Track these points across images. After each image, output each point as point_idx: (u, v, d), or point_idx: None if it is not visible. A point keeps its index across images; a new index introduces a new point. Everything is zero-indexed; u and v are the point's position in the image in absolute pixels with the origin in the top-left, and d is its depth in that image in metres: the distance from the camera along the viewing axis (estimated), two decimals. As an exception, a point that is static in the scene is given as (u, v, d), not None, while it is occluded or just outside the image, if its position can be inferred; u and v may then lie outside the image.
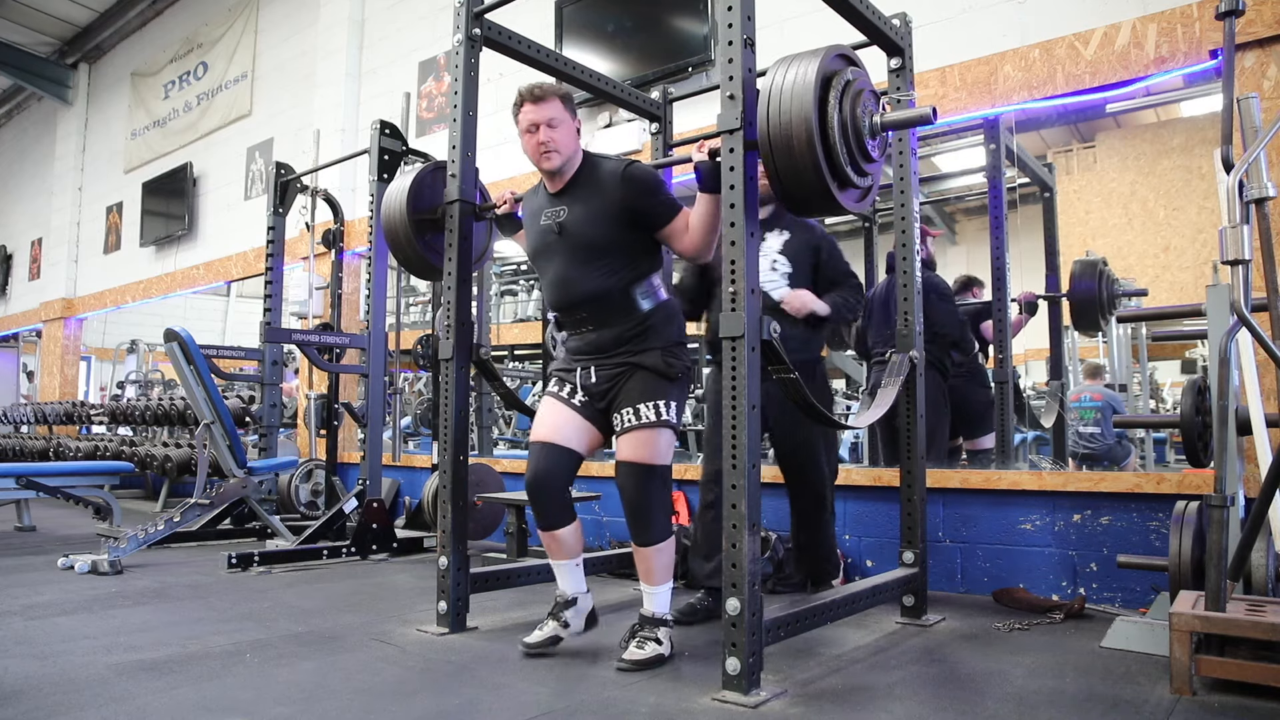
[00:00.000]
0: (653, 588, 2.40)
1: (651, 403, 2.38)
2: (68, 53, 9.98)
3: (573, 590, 2.50)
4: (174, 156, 8.49)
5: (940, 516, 3.44)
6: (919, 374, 2.91)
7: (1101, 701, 2.02)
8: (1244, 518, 2.26)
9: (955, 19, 3.74)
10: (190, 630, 2.69)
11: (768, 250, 3.07)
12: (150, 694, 2.03)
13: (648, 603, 2.41)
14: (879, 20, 2.79)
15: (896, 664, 2.37)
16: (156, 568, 3.88)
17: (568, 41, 5.01)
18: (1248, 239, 2.13)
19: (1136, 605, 3.00)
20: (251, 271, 7.15)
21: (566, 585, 2.50)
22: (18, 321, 10.79)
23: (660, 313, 2.48)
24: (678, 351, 2.45)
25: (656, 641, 2.34)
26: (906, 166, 2.96)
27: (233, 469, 4.35)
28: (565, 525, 2.46)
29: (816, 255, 3.08)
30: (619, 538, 4.35)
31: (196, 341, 4.20)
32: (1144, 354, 6.37)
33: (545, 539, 2.48)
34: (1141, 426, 5.75)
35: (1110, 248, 6.58)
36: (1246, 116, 2.30)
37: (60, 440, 7.68)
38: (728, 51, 2.10)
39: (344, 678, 2.19)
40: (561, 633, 2.44)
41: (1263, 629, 1.95)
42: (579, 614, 2.50)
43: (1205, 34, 3.07)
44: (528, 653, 2.39)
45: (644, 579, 2.42)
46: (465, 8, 2.77)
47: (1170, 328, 4.60)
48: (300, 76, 7.09)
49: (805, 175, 2.02)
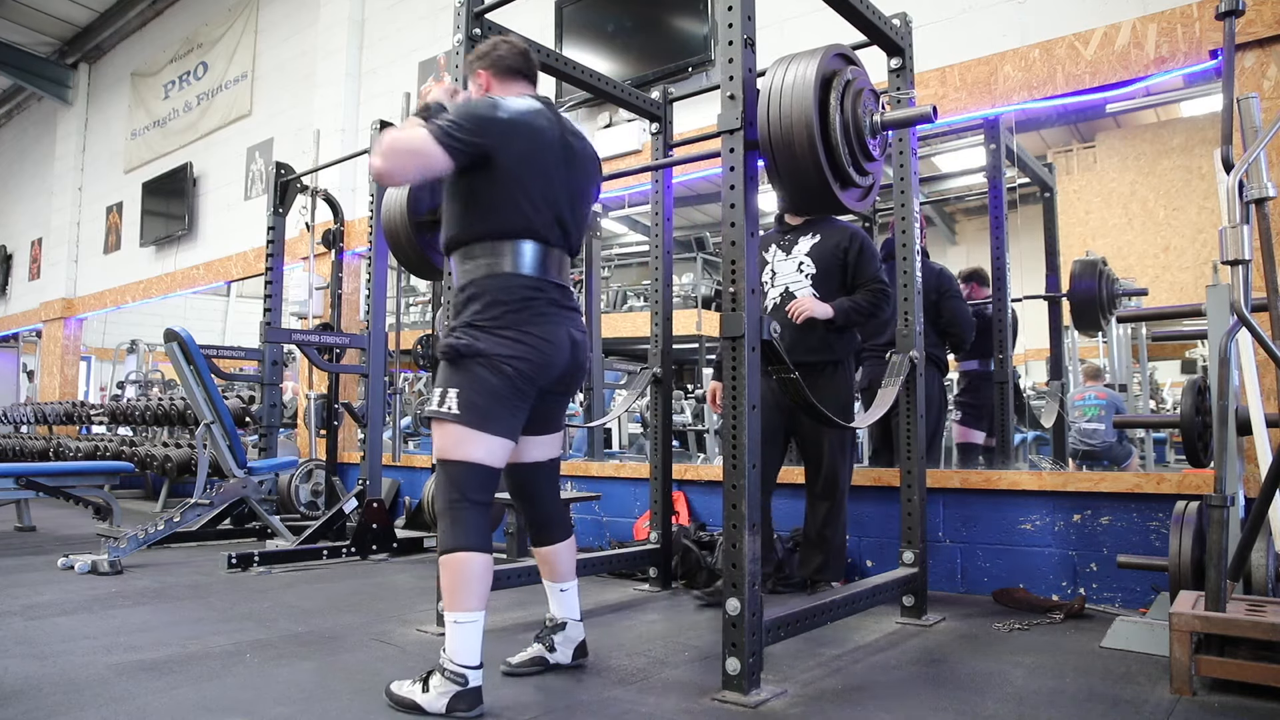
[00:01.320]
0: (449, 614, 1.91)
1: (436, 390, 2.03)
2: (68, 53, 9.97)
3: (563, 614, 2.28)
4: (174, 156, 8.49)
5: (940, 516, 3.44)
6: (919, 374, 2.91)
7: (1101, 701, 2.02)
8: (1244, 518, 2.26)
9: (955, 19, 3.74)
10: (190, 630, 2.69)
11: (798, 253, 3.20)
12: (150, 694, 2.03)
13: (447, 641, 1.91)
14: (879, 20, 2.80)
15: (896, 664, 2.37)
16: (156, 568, 3.88)
17: (568, 41, 5.01)
18: (1248, 239, 2.13)
19: (1136, 605, 3.00)
20: (251, 271, 7.15)
21: (557, 609, 2.29)
22: (18, 321, 10.79)
23: (469, 289, 2.05)
24: (461, 331, 2.02)
25: (423, 687, 1.89)
26: (907, 166, 2.96)
27: (233, 469, 4.35)
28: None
29: (845, 256, 3.15)
30: (619, 538, 4.35)
31: (196, 341, 4.20)
32: (1144, 354, 6.38)
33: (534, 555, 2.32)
34: (1141, 426, 5.75)
35: (1110, 248, 6.57)
36: (1246, 116, 2.30)
37: (60, 440, 7.68)
38: (728, 51, 2.10)
39: (344, 678, 2.19)
40: (548, 657, 2.22)
41: (1263, 629, 1.95)
42: (568, 642, 2.26)
43: (1205, 34, 3.07)
44: (508, 672, 2.19)
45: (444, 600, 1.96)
46: (465, 8, 2.77)
47: (1170, 328, 4.60)
48: (300, 76, 7.09)
49: (807, 174, 2.03)
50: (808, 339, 3.11)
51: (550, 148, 2.08)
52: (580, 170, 2.17)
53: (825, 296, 3.14)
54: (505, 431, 2.01)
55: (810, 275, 3.16)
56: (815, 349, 3.11)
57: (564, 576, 2.28)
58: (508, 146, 2.00)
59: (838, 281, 3.17)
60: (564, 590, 2.27)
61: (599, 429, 5.66)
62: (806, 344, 3.10)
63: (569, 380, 2.16)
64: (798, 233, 3.24)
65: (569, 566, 2.28)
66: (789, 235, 3.26)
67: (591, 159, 2.24)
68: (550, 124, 2.11)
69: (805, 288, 3.16)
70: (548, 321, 2.05)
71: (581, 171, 2.18)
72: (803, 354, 3.05)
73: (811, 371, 3.04)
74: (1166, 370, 8.22)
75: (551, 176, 2.08)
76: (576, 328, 2.14)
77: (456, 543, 1.94)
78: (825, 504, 3.17)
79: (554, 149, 2.09)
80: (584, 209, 2.21)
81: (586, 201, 2.23)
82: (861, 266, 3.16)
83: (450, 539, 1.94)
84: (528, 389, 2.03)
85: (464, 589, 1.91)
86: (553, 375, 2.08)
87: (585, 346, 2.18)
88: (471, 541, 1.94)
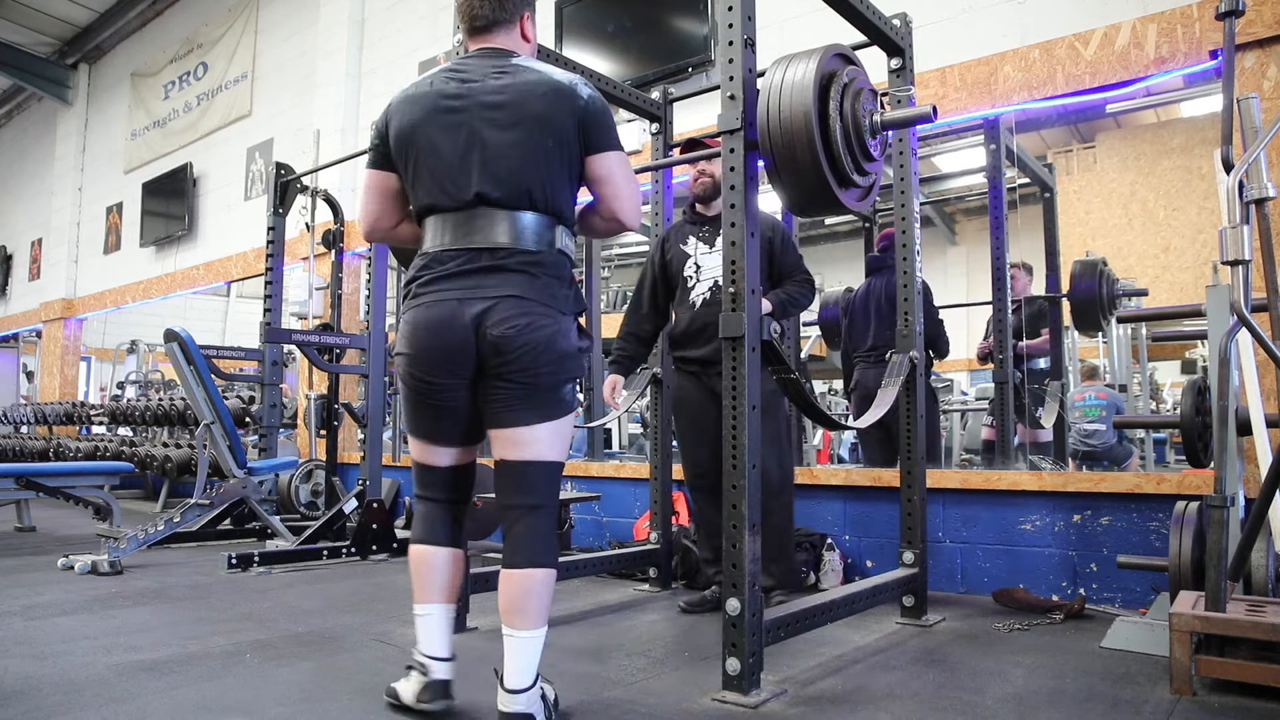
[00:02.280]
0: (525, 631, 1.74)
1: None
2: (68, 53, 9.98)
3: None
4: (174, 157, 8.49)
5: (940, 517, 3.44)
6: (919, 374, 2.91)
7: (1101, 702, 2.02)
8: (1244, 518, 2.26)
9: (955, 19, 3.74)
10: (190, 630, 2.69)
11: (720, 245, 2.98)
12: (150, 694, 2.03)
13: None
14: (879, 20, 2.80)
15: (896, 664, 2.37)
16: (156, 568, 3.88)
17: (568, 41, 5.01)
18: (1248, 239, 2.13)
19: (1136, 605, 3.00)
20: (251, 272, 7.15)
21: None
22: (18, 322, 10.79)
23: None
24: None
25: (406, 676, 1.86)
26: (907, 166, 2.96)
27: (233, 469, 4.35)
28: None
29: (770, 247, 3.06)
30: (619, 538, 4.35)
31: (196, 342, 4.20)
32: (1144, 354, 6.36)
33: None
34: (1141, 427, 5.74)
35: (1110, 248, 6.56)
36: (1246, 117, 2.30)
37: (60, 440, 7.68)
38: (728, 52, 2.10)
39: (344, 678, 2.19)
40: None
41: (1263, 629, 1.95)
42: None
43: (1205, 34, 3.07)
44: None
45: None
46: (465, 8, 2.76)
47: (1170, 328, 4.60)
48: (300, 76, 7.09)
49: (806, 174, 2.03)
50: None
51: (429, 109, 1.84)
52: (477, 104, 1.82)
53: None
54: (418, 431, 1.90)
55: None
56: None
57: (504, 614, 1.78)
58: (392, 136, 1.88)
59: (764, 273, 3.07)
60: (508, 635, 1.76)
61: (599, 429, 5.66)
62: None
63: (484, 358, 1.78)
64: (717, 223, 3.07)
65: (512, 602, 1.77)
66: (707, 226, 3.12)
67: (504, 89, 1.83)
68: (433, 83, 1.88)
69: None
70: (424, 298, 1.81)
71: (479, 105, 1.82)
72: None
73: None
74: (1166, 370, 8.20)
75: (429, 140, 1.83)
76: (482, 293, 1.77)
77: (409, 537, 1.96)
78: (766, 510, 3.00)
79: (433, 106, 1.84)
80: (494, 143, 1.81)
81: (498, 131, 1.81)
82: (786, 255, 3.09)
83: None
84: (415, 384, 1.84)
85: (413, 580, 1.91)
86: (438, 359, 1.79)
87: (505, 309, 1.76)
88: (415, 534, 1.93)
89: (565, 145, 1.83)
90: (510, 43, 1.95)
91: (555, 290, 1.82)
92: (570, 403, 1.87)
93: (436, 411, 1.86)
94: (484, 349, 1.77)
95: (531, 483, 1.82)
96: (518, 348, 1.75)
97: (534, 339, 1.76)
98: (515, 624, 1.75)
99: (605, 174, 1.86)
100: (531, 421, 1.80)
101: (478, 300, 1.77)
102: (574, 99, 1.84)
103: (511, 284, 1.78)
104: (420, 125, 1.84)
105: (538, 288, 1.79)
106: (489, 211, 1.80)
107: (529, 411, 1.80)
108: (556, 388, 1.82)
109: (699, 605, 3.06)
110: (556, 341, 1.79)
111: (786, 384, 2.31)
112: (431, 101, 1.85)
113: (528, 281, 1.79)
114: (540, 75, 1.85)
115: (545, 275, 1.82)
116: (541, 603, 1.77)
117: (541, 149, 1.81)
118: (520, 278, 1.79)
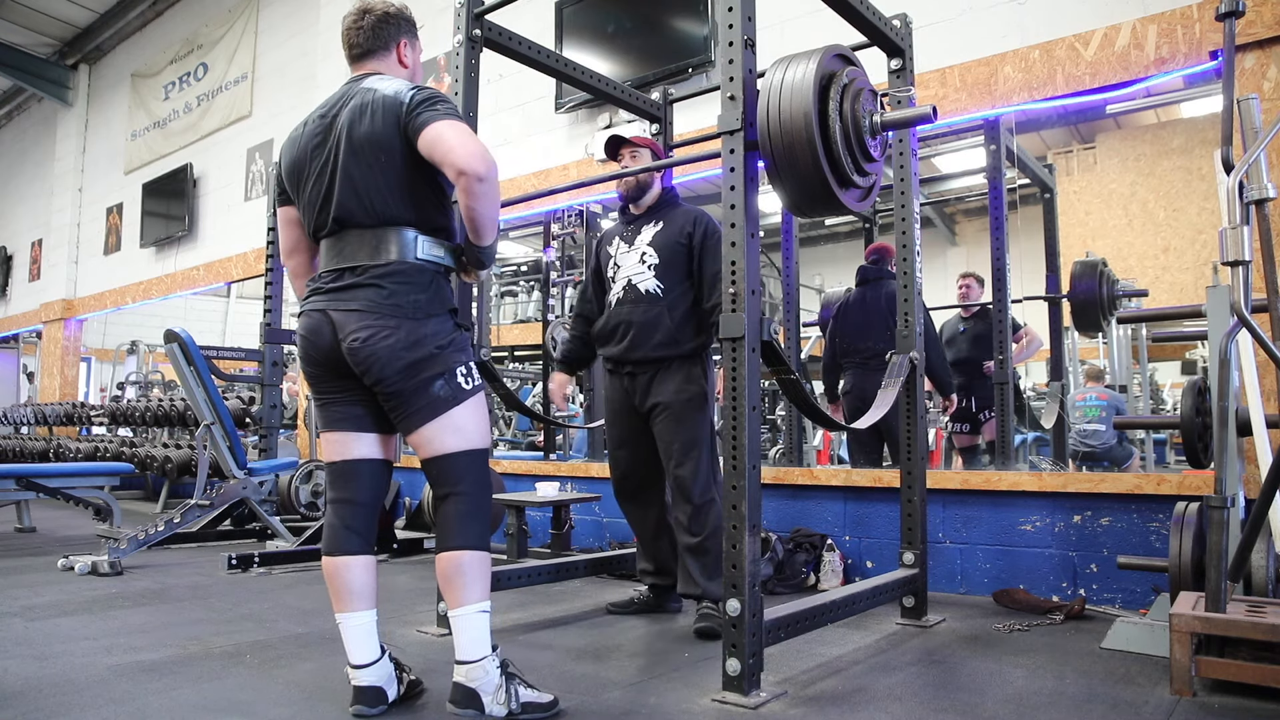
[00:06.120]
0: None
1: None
2: (68, 54, 9.98)
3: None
4: (174, 157, 8.49)
5: (940, 517, 3.44)
6: (919, 374, 2.91)
7: (1101, 702, 2.02)
8: (1244, 519, 2.26)
9: (955, 20, 3.74)
10: (190, 631, 2.69)
11: (640, 243, 2.96)
12: (150, 695, 2.03)
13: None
14: (879, 21, 2.80)
15: (896, 665, 2.37)
16: (156, 569, 3.88)
17: (568, 42, 5.01)
18: (1248, 240, 2.13)
19: (1137, 606, 3.00)
20: (251, 272, 7.15)
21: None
22: (18, 322, 10.79)
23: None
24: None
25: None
26: (907, 167, 2.96)
27: (233, 470, 4.35)
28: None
29: (689, 242, 2.91)
30: (619, 538, 4.35)
31: (196, 342, 4.20)
32: (1144, 355, 6.37)
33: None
34: (1142, 428, 5.74)
35: (1110, 249, 6.57)
36: (1246, 117, 2.30)
37: (60, 441, 7.68)
38: (728, 52, 2.10)
39: (343, 679, 2.18)
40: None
41: (1263, 630, 1.95)
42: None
43: (1205, 35, 3.07)
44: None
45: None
46: (465, 9, 2.77)
47: (1170, 329, 4.60)
48: (300, 77, 7.09)
49: (806, 175, 2.03)
50: (653, 335, 2.86)
51: (303, 147, 1.99)
52: (335, 137, 1.94)
53: (669, 288, 2.87)
54: (321, 424, 2.04)
55: (653, 266, 2.89)
56: (662, 344, 2.86)
57: (443, 594, 1.96)
58: (284, 177, 2.06)
59: (683, 271, 2.89)
60: (449, 614, 1.93)
61: (599, 429, 5.65)
62: (652, 340, 2.86)
63: (352, 365, 1.89)
64: (640, 222, 2.99)
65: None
66: (632, 225, 3.02)
67: (351, 115, 1.92)
68: (306, 124, 2.02)
69: (648, 279, 2.89)
70: (303, 308, 1.99)
71: (336, 137, 1.94)
72: (649, 350, 2.85)
73: (658, 367, 2.87)
74: (1167, 371, 8.21)
75: (305, 174, 1.99)
76: (339, 305, 1.89)
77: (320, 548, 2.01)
78: (685, 508, 2.80)
79: (306, 144, 1.99)
80: (345, 169, 1.91)
81: (350, 157, 1.91)
82: (706, 259, 2.86)
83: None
84: (313, 384, 2.01)
85: (330, 591, 1.96)
86: (320, 361, 1.94)
87: (351, 323, 1.86)
88: (325, 545, 1.97)
89: (397, 153, 1.91)
90: (384, 68, 2.07)
91: (405, 297, 1.89)
92: (453, 395, 1.92)
93: (333, 410, 1.99)
94: (347, 359, 1.90)
95: (443, 474, 1.93)
96: (365, 358, 1.87)
97: (377, 349, 1.86)
98: (451, 602, 1.89)
99: (432, 140, 1.84)
100: (416, 425, 1.91)
101: (337, 312, 1.90)
102: (398, 107, 1.91)
103: (359, 298, 1.89)
104: (296, 163, 2.01)
105: (382, 298, 1.88)
106: (350, 233, 1.93)
107: (410, 418, 1.91)
108: (422, 390, 1.89)
109: (625, 607, 3.07)
110: (401, 349, 1.86)
111: (787, 384, 2.31)
112: (305, 141, 2.00)
113: (374, 294, 1.89)
114: (375, 95, 1.94)
115: (394, 284, 1.89)
116: (471, 581, 1.88)
117: (378, 166, 1.91)
118: (368, 291, 1.89)
